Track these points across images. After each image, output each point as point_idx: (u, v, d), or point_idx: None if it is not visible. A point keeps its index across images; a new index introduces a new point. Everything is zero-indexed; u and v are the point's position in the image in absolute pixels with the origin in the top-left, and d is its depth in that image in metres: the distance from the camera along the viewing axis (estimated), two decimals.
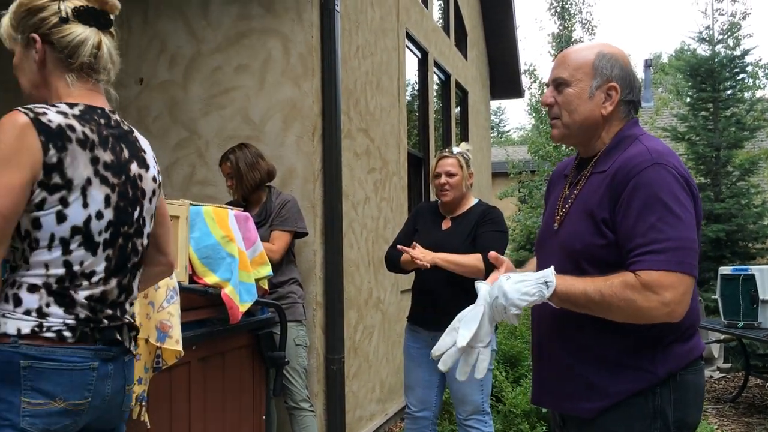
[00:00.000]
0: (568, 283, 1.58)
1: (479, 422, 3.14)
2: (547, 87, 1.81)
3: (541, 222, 1.94)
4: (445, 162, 3.21)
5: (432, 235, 3.22)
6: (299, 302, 3.44)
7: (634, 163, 1.60)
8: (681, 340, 1.63)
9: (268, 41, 3.89)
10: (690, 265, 1.53)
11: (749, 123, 9.17)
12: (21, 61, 1.62)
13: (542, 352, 1.80)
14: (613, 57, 1.72)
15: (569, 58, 1.75)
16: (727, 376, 6.93)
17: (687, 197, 1.58)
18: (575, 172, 1.82)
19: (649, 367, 1.60)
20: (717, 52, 9.36)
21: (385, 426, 4.78)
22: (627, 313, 1.53)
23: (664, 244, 1.52)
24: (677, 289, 1.50)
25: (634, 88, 1.74)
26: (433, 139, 6.40)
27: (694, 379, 1.66)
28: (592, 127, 1.72)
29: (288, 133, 3.83)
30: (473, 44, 8.61)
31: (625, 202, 1.58)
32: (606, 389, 1.62)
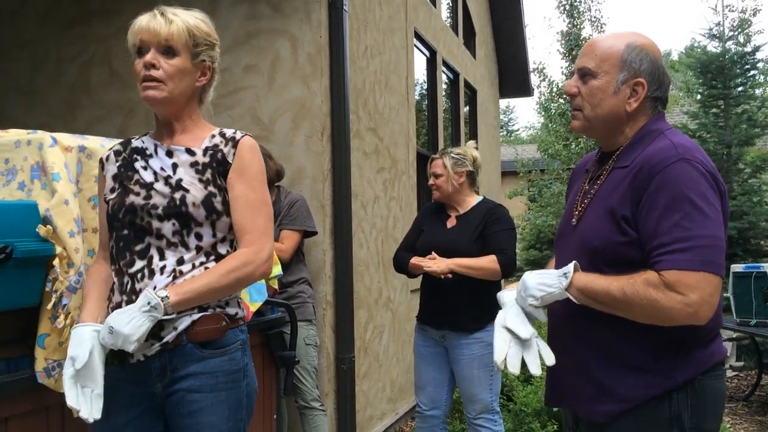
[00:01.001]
0: (590, 279, 1.54)
1: (489, 421, 3.14)
2: (571, 75, 1.74)
3: (560, 219, 1.91)
4: (433, 163, 3.34)
5: (437, 233, 3.24)
6: (309, 302, 3.44)
7: (659, 158, 1.53)
8: (702, 344, 1.58)
9: (276, 41, 3.90)
10: (716, 264, 1.46)
11: (760, 120, 9.10)
12: (185, 72, 1.71)
13: (557, 352, 1.72)
14: (643, 50, 1.64)
15: (597, 47, 1.66)
16: (740, 374, 6.88)
17: (714, 194, 1.51)
18: (596, 167, 1.76)
19: (667, 372, 1.54)
20: (727, 48, 9.30)
21: (395, 425, 4.78)
22: (648, 313, 1.48)
23: (689, 242, 1.45)
24: (703, 289, 1.44)
25: (662, 84, 1.66)
26: (442, 138, 6.39)
27: (713, 384, 1.59)
28: (614, 123, 1.66)
29: (297, 133, 3.83)
30: (481, 43, 8.60)
31: (649, 199, 1.51)
32: (621, 393, 1.57)
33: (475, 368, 3.10)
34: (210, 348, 1.70)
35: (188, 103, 1.77)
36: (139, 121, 4.20)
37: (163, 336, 1.65)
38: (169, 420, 1.71)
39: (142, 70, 1.67)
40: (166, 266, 1.66)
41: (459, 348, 3.12)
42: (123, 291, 1.67)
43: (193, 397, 1.67)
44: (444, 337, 3.18)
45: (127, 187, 1.70)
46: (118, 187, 1.72)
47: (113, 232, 1.70)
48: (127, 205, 1.67)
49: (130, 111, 4.24)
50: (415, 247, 3.26)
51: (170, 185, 1.70)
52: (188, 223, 1.68)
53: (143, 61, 1.66)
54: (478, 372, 3.10)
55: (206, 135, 1.79)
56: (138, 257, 1.67)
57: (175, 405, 1.69)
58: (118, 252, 1.70)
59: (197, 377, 1.68)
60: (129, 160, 1.75)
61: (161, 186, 1.70)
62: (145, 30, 1.68)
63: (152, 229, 1.67)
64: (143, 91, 1.68)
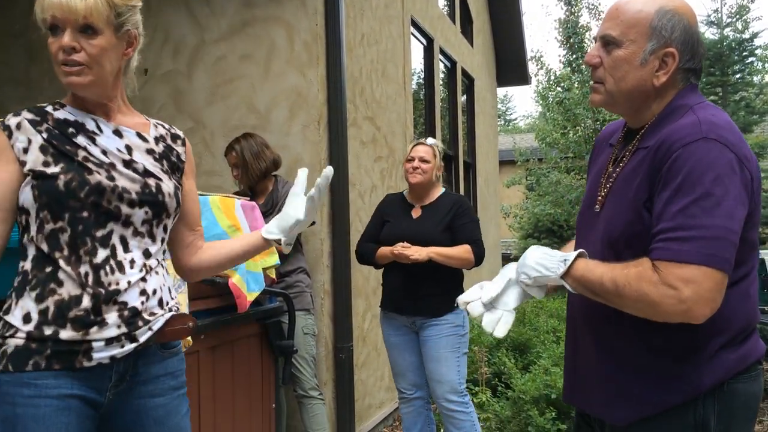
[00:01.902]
0: (589, 267, 1.42)
1: (461, 405, 3.20)
2: (594, 42, 1.54)
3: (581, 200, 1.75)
4: (420, 148, 3.32)
5: (404, 223, 3.28)
6: (307, 291, 3.44)
7: (679, 135, 1.36)
8: (732, 345, 1.41)
9: (272, 29, 3.87)
10: (720, 258, 1.29)
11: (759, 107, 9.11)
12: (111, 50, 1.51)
13: (577, 350, 1.62)
14: (676, 15, 1.44)
15: (623, 11, 1.47)
16: None
17: (738, 180, 1.33)
18: (621, 145, 1.59)
19: (692, 376, 1.39)
20: (725, 35, 9.28)
21: (394, 413, 4.79)
22: (639, 306, 1.35)
23: (692, 231, 1.29)
24: (700, 284, 1.28)
25: (696, 54, 1.47)
26: (439, 127, 6.38)
27: (746, 388, 1.43)
28: (640, 98, 1.48)
29: (294, 122, 3.82)
30: (479, 31, 8.56)
31: (662, 180, 1.36)
32: (643, 397, 1.43)
33: (442, 348, 3.17)
34: (167, 348, 1.62)
35: (117, 79, 1.58)
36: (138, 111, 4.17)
37: (137, 336, 1.50)
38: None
39: (60, 53, 1.45)
40: (134, 260, 1.53)
41: (429, 329, 3.20)
42: (83, 284, 1.45)
43: (155, 402, 1.58)
44: (414, 323, 3.24)
45: (83, 164, 1.48)
46: (60, 161, 1.47)
47: (64, 212, 1.45)
48: (92, 185, 1.47)
49: None
50: (380, 238, 3.29)
51: (135, 170, 1.56)
52: (161, 213, 1.58)
53: (61, 45, 1.44)
54: (446, 352, 3.18)
55: (143, 121, 1.68)
56: (100, 245, 1.48)
57: (136, 415, 1.55)
58: (74, 236, 1.46)
59: (159, 380, 1.59)
60: (62, 133, 1.50)
61: (123, 168, 1.54)
62: (57, 6, 1.43)
63: (120, 215, 1.51)
64: (65, 77, 1.47)
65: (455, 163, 7.17)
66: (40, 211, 1.46)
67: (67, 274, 1.45)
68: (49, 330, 1.42)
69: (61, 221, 1.46)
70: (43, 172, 1.45)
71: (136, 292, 1.51)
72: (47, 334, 1.42)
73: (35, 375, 1.41)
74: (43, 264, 1.46)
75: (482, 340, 5.25)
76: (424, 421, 3.38)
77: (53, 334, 1.42)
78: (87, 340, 1.44)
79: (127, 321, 1.48)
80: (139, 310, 1.51)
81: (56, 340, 1.42)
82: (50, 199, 1.45)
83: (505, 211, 12.89)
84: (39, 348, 1.41)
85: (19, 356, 1.41)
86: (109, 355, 1.47)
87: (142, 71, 4.18)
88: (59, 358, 1.42)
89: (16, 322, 1.43)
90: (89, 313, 1.44)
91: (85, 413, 1.46)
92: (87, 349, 1.44)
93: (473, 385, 4.68)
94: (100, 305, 1.45)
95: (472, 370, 4.80)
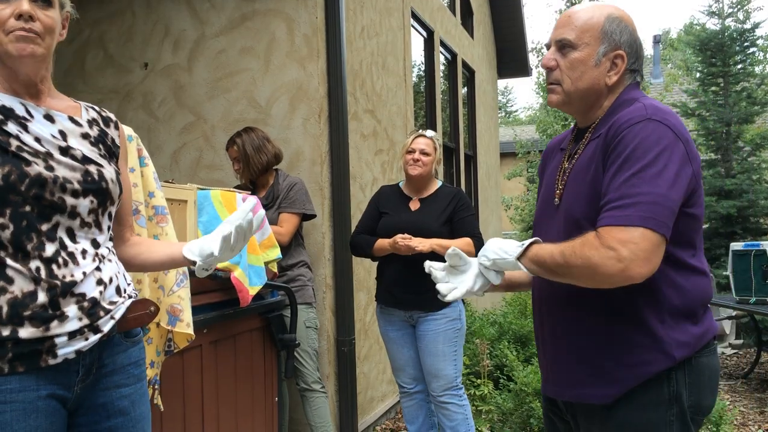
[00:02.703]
0: (541, 247, 1.52)
1: (454, 397, 3.22)
2: (547, 48, 1.66)
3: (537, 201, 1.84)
4: (421, 140, 3.31)
5: (403, 216, 3.28)
6: (309, 285, 3.44)
7: (627, 118, 1.49)
8: (695, 320, 1.52)
9: (272, 22, 3.86)
10: (657, 221, 1.38)
11: (760, 97, 9.07)
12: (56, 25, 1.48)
13: (545, 335, 1.68)
14: (622, 21, 1.59)
15: (576, 17, 1.59)
16: (739, 352, 6.92)
17: (678, 156, 1.44)
18: (573, 144, 1.70)
19: (664, 350, 1.48)
20: (727, 26, 9.24)
21: (396, 406, 4.80)
22: (583, 272, 1.41)
23: (633, 198, 1.39)
24: (637, 244, 1.36)
25: (639, 56, 1.62)
26: (440, 120, 6.36)
27: (708, 361, 1.55)
28: (593, 97, 1.61)
29: (294, 116, 3.81)
30: (479, 23, 8.53)
31: (610, 157, 1.47)
32: (618, 374, 1.50)
33: (440, 343, 3.18)
34: (129, 336, 1.57)
35: (51, 58, 1.52)
36: (137, 105, 4.17)
37: (100, 326, 1.45)
38: (90, 426, 1.49)
39: (14, 20, 1.38)
40: (85, 250, 1.46)
41: (426, 323, 3.20)
42: (35, 278, 1.37)
43: (121, 393, 1.53)
44: (412, 317, 3.24)
45: (18, 154, 1.37)
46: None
47: (5, 208, 1.35)
48: (32, 177, 1.36)
49: (126, 95, 4.21)
50: (378, 230, 3.28)
51: (73, 157, 1.46)
52: (105, 201, 1.50)
53: (20, 11, 1.38)
54: (443, 347, 3.18)
55: (73, 104, 1.58)
56: (47, 239, 1.39)
57: (103, 407, 1.50)
58: (18, 232, 1.36)
59: (124, 370, 1.54)
60: None
61: (60, 156, 1.44)
62: None
63: (65, 207, 1.42)
64: (21, 44, 1.39)
65: (456, 156, 7.16)
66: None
67: (17, 270, 1.35)
68: (6, 330, 1.33)
69: (1, 218, 1.35)
70: None
71: (92, 282, 1.45)
72: (5, 335, 1.32)
73: (12, 380, 1.33)
74: None
75: (484, 333, 5.26)
76: (426, 414, 3.39)
77: (11, 334, 1.33)
78: (49, 337, 1.37)
79: (87, 312, 1.42)
80: (98, 300, 1.45)
81: (16, 340, 1.33)
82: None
83: (506, 203, 12.89)
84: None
85: None
86: (74, 349, 1.41)
87: (142, 65, 4.18)
88: (22, 360, 1.34)
89: None
90: (46, 307, 1.36)
91: (54, 412, 1.40)
92: (50, 346, 1.37)
93: (475, 377, 4.69)
94: (57, 298, 1.38)
95: (474, 363, 4.81)
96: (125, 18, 4.21)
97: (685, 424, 1.51)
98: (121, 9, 4.20)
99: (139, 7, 4.18)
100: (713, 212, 8.41)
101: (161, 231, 2.17)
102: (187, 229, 2.57)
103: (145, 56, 4.17)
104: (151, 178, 2.16)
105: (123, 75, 4.22)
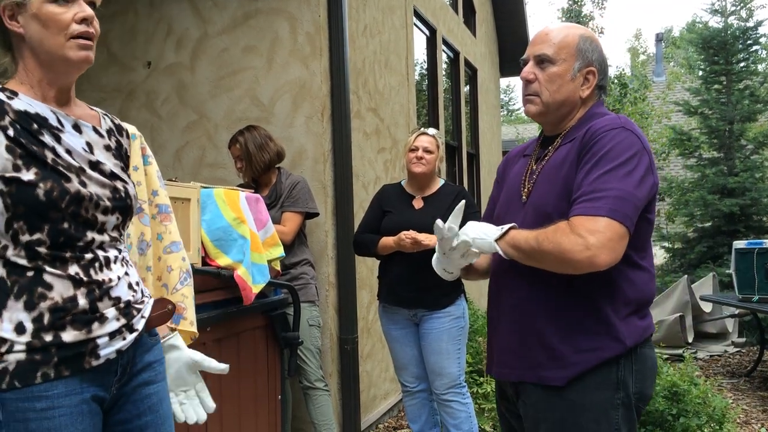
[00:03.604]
0: (519, 232, 1.64)
1: (458, 395, 3.22)
2: (524, 63, 1.80)
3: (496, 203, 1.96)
4: (424, 138, 3.31)
5: (406, 214, 3.27)
6: (312, 283, 3.45)
7: (603, 124, 1.64)
8: (641, 314, 1.66)
9: (274, 21, 3.86)
10: (624, 215, 1.51)
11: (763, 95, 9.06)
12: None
13: (501, 316, 1.78)
14: (593, 42, 1.76)
15: (553, 35, 1.75)
16: (742, 350, 6.91)
17: (645, 163, 1.59)
18: (539, 150, 1.83)
19: (616, 337, 1.60)
20: (729, 24, 9.23)
21: (399, 404, 4.81)
22: (554, 256, 1.53)
23: (603, 192, 1.53)
24: (603, 233, 1.49)
25: (606, 74, 1.79)
26: (442, 118, 6.36)
27: (650, 353, 1.69)
28: (568, 108, 1.75)
29: (297, 114, 3.81)
30: (482, 21, 8.53)
31: (584, 157, 1.61)
32: (571, 358, 1.61)
33: (444, 341, 3.18)
34: (152, 335, 1.61)
35: None
36: (140, 104, 4.18)
37: (134, 325, 1.48)
38: (123, 424, 1.51)
39: (77, 25, 1.37)
40: (115, 257, 1.49)
41: (430, 322, 3.20)
42: (76, 283, 1.38)
43: (150, 390, 1.55)
44: (416, 315, 3.24)
45: (55, 168, 1.35)
46: (32, 165, 1.33)
47: (44, 224, 1.34)
48: (72, 194, 1.35)
49: (129, 94, 4.22)
50: (381, 229, 3.27)
51: (101, 172, 1.45)
52: (127, 217, 1.52)
53: (84, 15, 1.38)
54: (447, 345, 3.18)
55: (93, 113, 1.55)
56: (81, 251, 1.41)
57: (134, 405, 1.52)
58: (56, 247, 1.37)
59: (151, 368, 1.57)
60: (25, 129, 1.35)
61: (91, 171, 1.42)
62: None
63: (97, 223, 1.42)
64: (77, 51, 1.38)
65: (458, 154, 7.16)
66: (14, 222, 1.32)
67: (56, 276, 1.36)
68: (48, 336, 1.33)
69: (39, 233, 1.34)
70: (17, 177, 1.31)
71: (124, 286, 1.48)
72: (48, 340, 1.33)
73: (45, 387, 1.33)
74: (21, 270, 1.34)
75: None
76: (429, 413, 3.39)
77: (54, 339, 1.34)
78: (91, 339, 1.39)
79: (123, 312, 1.46)
80: (131, 302, 1.49)
81: (60, 345, 1.34)
82: (28, 210, 1.32)
83: None
84: (44, 358, 1.33)
85: (25, 371, 1.32)
86: (115, 349, 1.43)
87: (145, 63, 4.18)
88: (67, 364, 1.36)
89: (8, 334, 1.32)
90: (87, 311, 1.38)
91: (96, 414, 1.43)
92: (93, 347, 1.39)
93: (478, 375, 4.70)
94: (96, 302, 1.40)
95: (477, 361, 4.81)
96: (128, 17, 4.22)
97: (629, 409, 1.64)
98: (124, 8, 4.21)
99: (141, 6, 4.18)
100: (716, 210, 8.41)
101: (165, 229, 2.17)
102: (191, 228, 2.58)
103: (147, 55, 4.17)
104: (154, 177, 2.16)
105: (126, 73, 4.22)
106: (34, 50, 1.38)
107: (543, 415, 1.67)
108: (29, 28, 1.37)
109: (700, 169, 9.12)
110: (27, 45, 1.38)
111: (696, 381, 3.62)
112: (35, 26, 1.36)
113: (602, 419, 1.61)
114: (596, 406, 1.61)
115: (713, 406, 3.48)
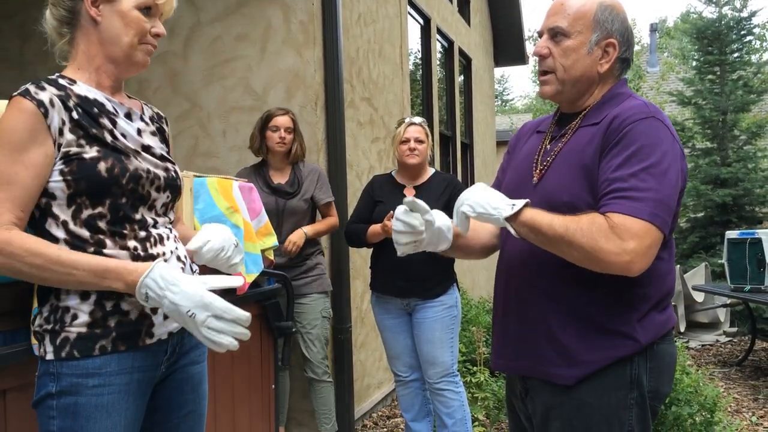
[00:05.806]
0: (538, 212, 1.47)
1: (450, 384, 3.23)
2: (539, 36, 1.65)
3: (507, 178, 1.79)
4: (413, 128, 3.31)
5: (398, 204, 3.23)
6: (326, 273, 3.47)
7: (632, 113, 1.50)
8: (660, 309, 1.56)
9: (267, 9, 3.84)
10: (664, 221, 1.42)
11: (756, 86, 9.08)
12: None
13: (510, 308, 1.66)
14: (614, 9, 1.60)
15: (569, 5, 1.60)
16: (734, 339, 6.96)
17: (678, 158, 1.49)
18: (555, 128, 1.70)
19: (631, 334, 1.51)
20: (724, 14, 9.23)
21: (392, 393, 4.82)
22: (585, 252, 1.40)
23: (643, 193, 1.41)
24: (643, 239, 1.39)
25: (630, 45, 1.63)
26: (436, 108, 6.35)
27: (668, 349, 1.59)
28: (585, 84, 1.61)
29: (290, 103, 3.79)
30: (476, 10, 8.50)
31: (614, 148, 1.48)
32: (584, 355, 1.52)
33: (437, 330, 3.19)
34: None
35: None
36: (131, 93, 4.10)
37: None
38: (164, 403, 1.58)
39: (151, 37, 1.54)
40: (167, 234, 1.56)
41: (422, 311, 3.21)
42: (135, 257, 1.45)
43: (194, 370, 1.63)
44: (408, 304, 3.25)
45: (117, 149, 1.46)
46: (94, 144, 1.43)
47: (105, 198, 1.43)
48: (131, 171, 1.45)
49: None
50: (372, 219, 3.27)
51: (153, 154, 1.56)
52: (176, 197, 1.61)
53: (158, 31, 1.55)
54: (440, 334, 3.19)
55: (137, 102, 1.66)
56: (138, 226, 1.49)
57: (179, 384, 1.59)
58: (115, 221, 1.45)
59: (196, 349, 1.64)
60: (86, 112, 1.45)
61: (144, 153, 1.54)
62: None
63: (149, 199, 1.52)
64: (145, 55, 1.55)
65: (453, 144, 7.15)
66: (77, 197, 1.41)
67: (117, 250, 1.43)
68: (109, 304, 1.41)
69: (101, 207, 1.43)
70: (80, 155, 1.41)
71: (175, 260, 1.55)
72: (109, 309, 1.41)
73: (100, 362, 1.40)
74: (82, 243, 1.41)
75: (480, 321, 5.27)
76: (422, 402, 3.40)
77: (114, 307, 1.41)
78: (147, 314, 1.46)
79: None
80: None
81: (119, 320, 1.42)
82: (90, 185, 1.40)
83: None
84: (104, 332, 1.41)
85: (85, 342, 1.40)
86: (167, 330, 1.51)
87: None
88: (124, 339, 1.43)
89: (73, 302, 1.40)
90: None
91: (143, 394, 1.49)
92: (149, 325, 1.46)
93: (471, 364, 4.71)
94: None
95: (470, 350, 4.82)
96: None
97: (644, 409, 1.54)
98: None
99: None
100: (709, 201, 8.43)
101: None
102: (183, 216, 2.56)
103: None
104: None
105: None
106: (103, 40, 1.49)
107: (552, 412, 1.58)
108: (109, 19, 1.48)
109: (694, 159, 9.14)
110: (97, 32, 1.48)
111: (688, 370, 3.64)
112: (116, 21, 1.48)
113: (614, 420, 1.52)
114: (607, 407, 1.52)
115: (705, 394, 3.50)
